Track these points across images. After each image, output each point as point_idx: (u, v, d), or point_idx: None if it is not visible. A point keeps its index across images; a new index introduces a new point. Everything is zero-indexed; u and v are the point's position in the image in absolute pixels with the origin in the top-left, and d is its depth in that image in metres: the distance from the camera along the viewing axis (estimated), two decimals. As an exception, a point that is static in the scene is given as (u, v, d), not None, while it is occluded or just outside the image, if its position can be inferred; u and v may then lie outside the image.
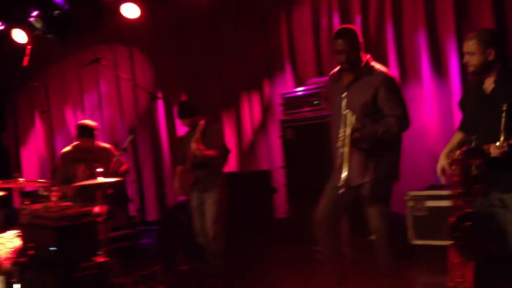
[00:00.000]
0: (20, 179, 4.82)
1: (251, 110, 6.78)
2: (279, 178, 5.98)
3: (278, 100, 5.92)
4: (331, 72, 3.96)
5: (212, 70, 6.98)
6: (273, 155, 6.42)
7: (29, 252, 4.37)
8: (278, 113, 6.00)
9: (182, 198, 5.78)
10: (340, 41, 3.66)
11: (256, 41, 6.58)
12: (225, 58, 6.88)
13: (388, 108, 3.63)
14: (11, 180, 4.88)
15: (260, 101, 6.69)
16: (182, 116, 4.96)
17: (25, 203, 4.71)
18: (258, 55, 6.60)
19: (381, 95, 3.62)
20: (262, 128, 6.69)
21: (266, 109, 6.62)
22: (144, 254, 5.94)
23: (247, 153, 6.79)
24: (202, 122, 4.81)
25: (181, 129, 5.24)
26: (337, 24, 5.78)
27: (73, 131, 7.85)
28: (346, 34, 3.69)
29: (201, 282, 4.72)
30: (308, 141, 5.31)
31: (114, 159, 5.36)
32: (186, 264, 5.16)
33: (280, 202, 6.05)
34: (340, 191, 3.51)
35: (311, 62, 6.14)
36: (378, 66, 3.75)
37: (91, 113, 7.91)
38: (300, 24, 6.26)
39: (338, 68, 3.84)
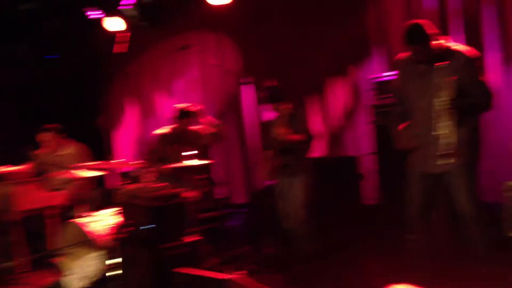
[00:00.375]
0: (115, 161, 5.08)
1: (337, 96, 6.71)
2: (367, 164, 5.90)
3: (365, 85, 5.82)
4: (400, 56, 3.88)
5: (299, 55, 6.96)
6: (360, 141, 6.33)
7: (128, 229, 4.59)
8: (366, 98, 5.90)
9: (269, 182, 5.85)
10: (412, 47, 3.61)
11: (343, 24, 6.49)
12: (312, 43, 6.83)
13: (473, 88, 3.53)
14: (107, 162, 5.17)
15: (347, 86, 6.61)
16: (269, 101, 5.00)
17: (123, 183, 4.94)
18: (345, 39, 6.49)
19: (464, 76, 3.51)
20: (348, 114, 6.62)
21: (353, 95, 6.54)
22: (231, 236, 6.07)
23: (333, 138, 6.75)
24: (289, 107, 4.83)
25: (268, 114, 5.30)
26: (429, 3, 5.56)
27: (163, 115, 8.16)
28: (417, 39, 3.59)
29: (287, 266, 4.77)
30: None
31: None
32: (272, 248, 5.22)
33: (369, 188, 5.98)
34: (441, 162, 3.44)
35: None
36: (456, 46, 3.67)
37: (179, 99, 8.15)
38: (390, 4, 6.09)
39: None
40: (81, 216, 5.18)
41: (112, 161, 5.09)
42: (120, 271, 4.68)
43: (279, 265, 4.79)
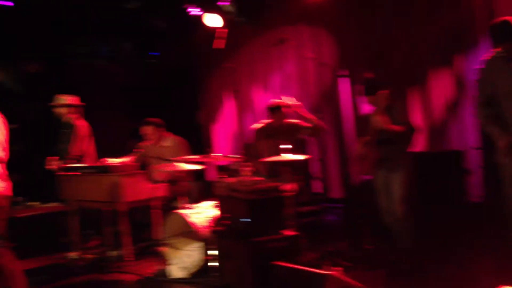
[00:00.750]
0: (214, 154, 5.19)
1: (440, 87, 6.42)
2: (473, 159, 5.60)
3: (471, 76, 5.51)
4: (489, 54, 3.65)
5: (398, 45, 6.75)
6: (466, 135, 6.02)
7: (225, 222, 4.69)
8: (471, 89, 5.58)
9: (366, 177, 5.73)
10: (502, 44, 3.39)
11: (447, 13, 6.19)
12: (412, 33, 6.59)
13: None
14: (206, 155, 5.30)
15: (451, 77, 6.31)
16: (367, 93, 4.89)
17: (221, 176, 5.04)
18: (448, 28, 6.20)
19: None
20: (452, 106, 6.31)
21: (458, 86, 6.23)
22: (329, 231, 6.02)
23: (436, 132, 6.47)
24: (387, 98, 4.69)
25: (366, 107, 5.19)
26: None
27: (259, 110, 8.24)
28: (508, 36, 3.40)
29: (387, 262, 4.64)
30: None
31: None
32: (371, 243, 5.11)
33: (475, 185, 5.68)
34: None
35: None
36: None
37: (276, 93, 8.19)
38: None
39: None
40: (183, 208, 5.37)
41: (210, 155, 5.21)
42: (217, 263, 4.80)
43: (378, 262, 4.68)
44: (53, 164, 6.54)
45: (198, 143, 8.64)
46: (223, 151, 8.80)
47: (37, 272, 5.84)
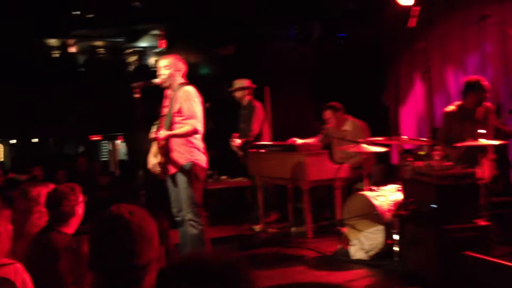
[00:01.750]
0: (402, 137, 4.99)
1: None
2: None
3: None
4: None
5: None
6: None
7: (410, 207, 4.49)
8: None
9: None
10: None
11: None
12: None
13: None
14: (394, 138, 5.12)
15: None
16: None
17: (408, 159, 4.84)
18: None
19: None
20: None
21: None
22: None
23: None
24: None
25: None
26: None
27: (452, 92, 7.73)
28: None
29: None
30: None
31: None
32: None
33: None
34: None
35: None
36: None
37: (473, 74, 7.59)
38: None
39: None
40: (368, 190, 5.28)
41: (397, 137, 5.02)
42: (397, 249, 4.64)
43: None
44: (236, 142, 6.92)
45: (384, 125, 8.44)
46: (408, 133, 8.46)
47: (224, 240, 6.24)
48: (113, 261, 1.78)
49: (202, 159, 4.75)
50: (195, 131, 4.63)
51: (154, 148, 4.71)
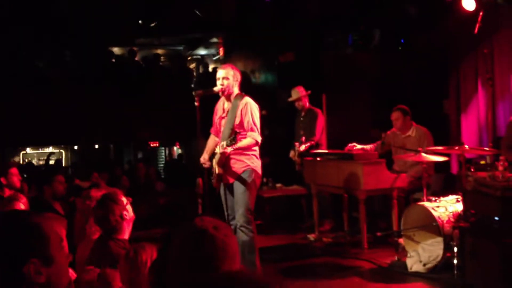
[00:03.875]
0: (465, 146, 4.81)
1: None
2: None
3: None
4: None
5: None
6: None
7: (470, 219, 4.32)
8: None
9: None
10: None
11: None
12: None
13: None
14: (455, 147, 4.93)
15: None
16: None
17: (470, 170, 4.66)
18: None
19: None
20: None
21: None
22: None
23: None
24: None
25: None
26: None
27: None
28: None
29: None
30: None
31: None
32: None
33: None
34: None
35: None
36: None
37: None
38: None
39: None
40: (427, 200, 5.12)
41: (458, 147, 4.84)
42: (456, 262, 4.48)
43: None
44: (300, 148, 6.90)
45: (443, 134, 8.20)
46: (470, 142, 8.18)
47: (279, 249, 6.21)
48: (190, 276, 1.63)
49: (259, 165, 4.82)
50: (256, 143, 4.76)
51: (217, 158, 4.78)
